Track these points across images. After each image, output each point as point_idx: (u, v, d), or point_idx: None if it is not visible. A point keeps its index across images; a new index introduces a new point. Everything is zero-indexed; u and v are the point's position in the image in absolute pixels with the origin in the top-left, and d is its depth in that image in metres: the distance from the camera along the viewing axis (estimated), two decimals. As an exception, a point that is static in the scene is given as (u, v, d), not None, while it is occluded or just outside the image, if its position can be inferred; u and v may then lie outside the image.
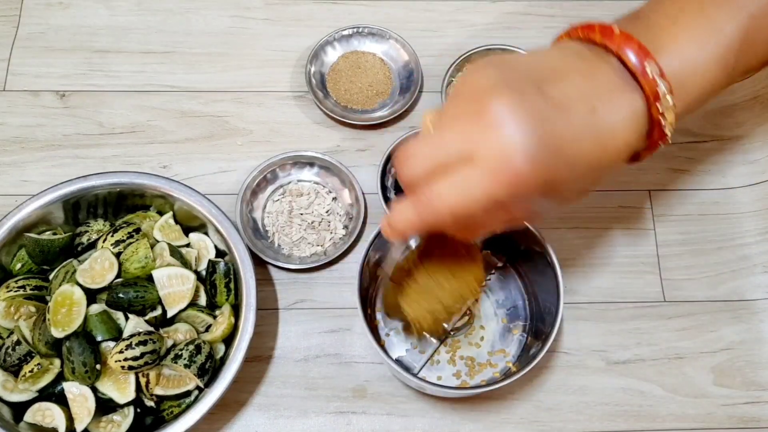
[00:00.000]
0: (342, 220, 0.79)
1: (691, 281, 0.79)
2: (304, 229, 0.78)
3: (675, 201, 0.82)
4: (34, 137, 0.82)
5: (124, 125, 0.83)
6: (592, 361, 0.75)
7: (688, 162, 0.84)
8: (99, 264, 0.68)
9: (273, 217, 0.79)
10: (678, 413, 0.73)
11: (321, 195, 0.80)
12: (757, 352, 0.76)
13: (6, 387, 0.65)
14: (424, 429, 0.72)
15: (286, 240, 0.78)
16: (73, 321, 0.64)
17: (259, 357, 0.74)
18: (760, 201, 0.82)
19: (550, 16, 0.91)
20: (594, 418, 0.73)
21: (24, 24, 0.88)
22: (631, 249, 0.80)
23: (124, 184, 0.71)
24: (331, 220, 0.79)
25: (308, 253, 0.77)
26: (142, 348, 0.63)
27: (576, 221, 0.81)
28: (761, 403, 0.74)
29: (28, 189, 0.79)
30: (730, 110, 0.87)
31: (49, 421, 0.65)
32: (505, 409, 0.73)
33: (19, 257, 0.70)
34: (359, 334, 0.75)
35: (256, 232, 0.78)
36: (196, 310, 0.69)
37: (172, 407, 0.66)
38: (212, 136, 0.83)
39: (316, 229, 0.78)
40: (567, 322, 0.76)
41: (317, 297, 0.77)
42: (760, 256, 0.80)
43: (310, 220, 0.78)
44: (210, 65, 0.87)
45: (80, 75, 0.86)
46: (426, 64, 0.87)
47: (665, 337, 0.76)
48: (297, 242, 0.78)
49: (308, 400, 0.72)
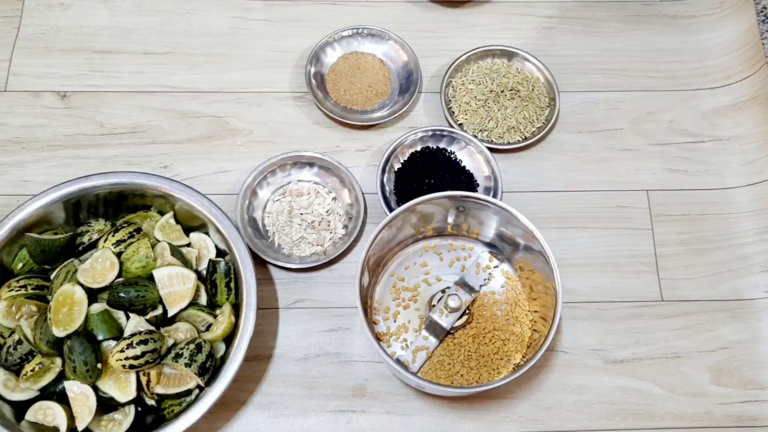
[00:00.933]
0: (342, 219, 0.79)
1: (689, 281, 0.79)
2: (304, 228, 0.78)
3: (673, 201, 0.83)
4: (35, 137, 0.83)
5: (125, 125, 0.84)
6: (591, 360, 0.75)
7: (686, 162, 0.85)
8: (100, 263, 0.68)
9: (273, 216, 0.79)
10: (676, 412, 0.73)
11: (321, 195, 0.80)
12: (754, 352, 0.76)
13: (7, 386, 0.65)
14: (423, 427, 0.72)
15: (286, 240, 0.78)
16: (74, 320, 0.64)
17: (260, 356, 0.74)
18: (758, 201, 0.82)
19: (548, 17, 0.92)
20: (592, 416, 0.73)
21: (25, 25, 0.88)
22: (629, 249, 0.80)
23: (125, 184, 0.72)
24: (331, 219, 0.79)
25: (308, 253, 0.78)
26: (143, 347, 0.63)
27: (574, 221, 0.81)
28: (758, 402, 0.74)
29: (29, 189, 0.79)
30: (728, 111, 0.87)
31: (51, 419, 0.65)
32: (504, 407, 0.73)
33: (21, 257, 0.71)
34: (359, 333, 0.75)
35: (257, 231, 0.79)
36: (196, 310, 0.69)
37: (173, 406, 0.67)
38: (212, 137, 0.84)
39: (316, 229, 0.78)
40: (565, 321, 0.77)
41: (317, 296, 0.77)
42: (757, 256, 0.80)
43: (310, 220, 0.78)
44: (210, 66, 0.87)
45: (81, 75, 0.86)
46: (425, 65, 0.87)
47: (663, 337, 0.76)
48: (297, 242, 0.78)
49: (308, 398, 0.73)
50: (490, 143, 0.82)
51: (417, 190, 0.79)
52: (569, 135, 0.86)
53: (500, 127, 0.83)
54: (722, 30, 0.91)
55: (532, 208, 0.81)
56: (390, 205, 0.79)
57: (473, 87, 0.85)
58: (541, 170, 0.84)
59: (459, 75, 0.87)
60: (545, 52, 0.89)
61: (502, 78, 0.86)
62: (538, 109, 0.85)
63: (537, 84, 0.86)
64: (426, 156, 0.81)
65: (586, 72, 0.89)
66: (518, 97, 0.85)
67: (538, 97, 0.85)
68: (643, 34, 0.91)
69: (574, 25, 0.91)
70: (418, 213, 0.72)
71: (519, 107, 0.84)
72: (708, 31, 0.92)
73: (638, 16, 0.92)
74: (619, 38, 0.91)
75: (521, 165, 0.84)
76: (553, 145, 0.85)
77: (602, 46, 0.90)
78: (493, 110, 0.84)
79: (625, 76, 0.89)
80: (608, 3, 0.93)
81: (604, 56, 0.90)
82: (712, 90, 0.88)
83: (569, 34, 0.91)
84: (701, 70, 0.90)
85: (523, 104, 0.84)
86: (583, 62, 0.89)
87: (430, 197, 0.70)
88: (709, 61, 0.90)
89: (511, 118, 0.83)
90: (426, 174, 0.80)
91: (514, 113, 0.84)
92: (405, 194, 0.79)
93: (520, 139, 0.83)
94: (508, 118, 0.83)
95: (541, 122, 0.84)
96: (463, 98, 0.85)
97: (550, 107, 0.85)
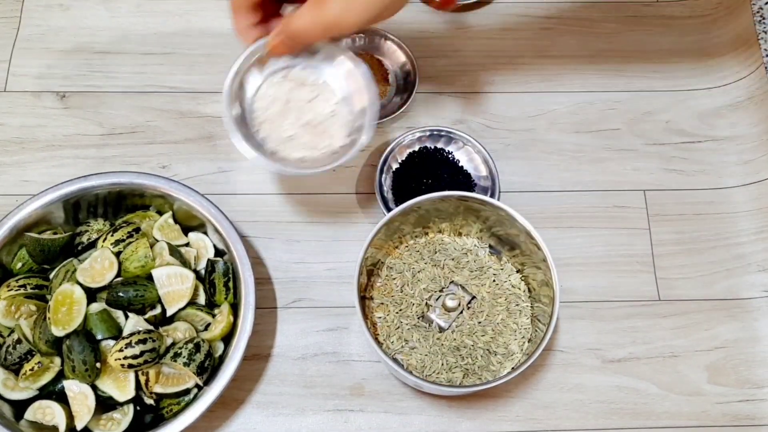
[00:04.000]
0: (346, 128, 0.67)
1: (686, 280, 0.79)
2: (298, 126, 0.66)
3: (670, 201, 0.83)
4: (34, 137, 0.83)
5: (124, 126, 0.84)
6: (588, 359, 0.75)
7: (682, 162, 0.85)
8: (99, 263, 0.68)
9: (266, 102, 0.66)
10: (673, 411, 0.74)
11: (328, 92, 0.67)
12: (751, 351, 0.76)
13: (7, 385, 0.66)
14: (421, 426, 0.72)
15: (273, 135, 0.66)
16: (73, 320, 0.65)
17: (258, 355, 0.74)
18: (755, 201, 0.83)
19: (545, 17, 0.92)
20: (589, 415, 0.73)
21: (24, 25, 0.89)
22: (627, 248, 0.81)
23: (124, 184, 0.72)
24: (332, 124, 0.67)
25: (295, 156, 0.66)
26: (142, 346, 0.63)
27: (571, 221, 0.82)
28: (755, 401, 0.74)
29: (29, 189, 0.80)
30: (724, 111, 0.88)
31: (50, 419, 0.65)
32: (502, 406, 0.73)
33: (20, 256, 0.71)
34: (357, 332, 0.76)
35: (243, 118, 0.66)
36: (195, 309, 0.70)
37: (172, 405, 0.67)
38: (211, 137, 0.84)
39: (313, 131, 0.66)
40: (562, 320, 0.77)
41: (315, 296, 0.77)
42: (754, 255, 0.80)
43: (307, 119, 0.66)
44: (209, 66, 0.88)
45: (80, 76, 0.86)
46: (423, 66, 0.88)
47: (660, 336, 0.77)
48: (286, 140, 0.66)
49: (306, 398, 0.73)
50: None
51: (415, 190, 0.79)
52: (566, 135, 0.86)
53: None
54: (718, 31, 0.91)
55: (529, 207, 0.81)
56: (388, 205, 0.79)
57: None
58: (538, 170, 0.84)
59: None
60: (543, 53, 0.90)
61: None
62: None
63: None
64: (424, 156, 0.82)
65: (583, 72, 0.89)
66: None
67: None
68: (640, 35, 0.92)
69: (572, 26, 0.91)
70: (416, 213, 0.72)
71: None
72: (704, 32, 0.92)
73: (635, 17, 0.93)
74: (615, 39, 0.91)
75: (519, 165, 0.84)
76: (550, 146, 0.85)
77: (599, 47, 0.91)
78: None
79: (622, 77, 0.89)
80: (605, 4, 0.93)
81: (601, 56, 0.90)
82: (708, 90, 0.89)
83: (566, 35, 0.91)
84: (698, 71, 0.90)
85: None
86: (580, 62, 0.90)
87: (428, 197, 0.70)
88: (705, 62, 0.90)
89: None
90: (424, 174, 0.80)
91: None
92: (403, 194, 0.79)
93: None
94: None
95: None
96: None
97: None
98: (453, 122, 0.86)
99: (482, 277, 0.75)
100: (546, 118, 0.87)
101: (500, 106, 0.87)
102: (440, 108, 0.86)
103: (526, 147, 0.85)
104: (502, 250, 0.76)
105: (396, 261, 0.76)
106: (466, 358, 0.72)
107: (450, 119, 0.86)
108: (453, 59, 0.89)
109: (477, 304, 0.74)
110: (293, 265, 0.78)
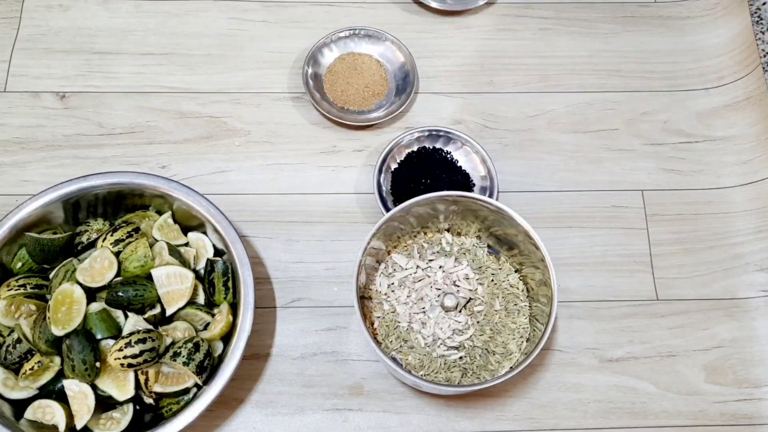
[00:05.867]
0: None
1: (684, 280, 0.79)
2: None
3: (668, 201, 0.83)
4: (34, 138, 0.83)
5: (124, 126, 0.84)
6: (586, 359, 0.76)
7: (680, 162, 0.85)
8: (99, 263, 0.68)
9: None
10: (670, 410, 0.74)
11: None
12: (748, 350, 0.77)
13: (7, 384, 0.66)
14: (419, 425, 0.72)
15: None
16: (73, 319, 0.65)
17: (257, 355, 0.75)
18: (753, 200, 0.83)
19: (544, 18, 0.92)
20: (588, 415, 0.73)
21: (24, 26, 0.89)
22: (625, 248, 0.81)
23: (124, 184, 0.72)
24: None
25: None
26: (141, 346, 0.63)
27: (569, 220, 0.82)
28: (753, 401, 0.75)
29: (29, 189, 0.80)
30: (722, 111, 0.88)
31: (50, 418, 0.65)
32: (500, 406, 0.73)
33: (20, 256, 0.71)
34: (356, 332, 0.76)
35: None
36: (194, 309, 0.70)
37: (171, 404, 0.67)
38: (211, 137, 0.84)
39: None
40: (561, 320, 0.77)
41: (314, 295, 0.77)
42: (752, 255, 0.81)
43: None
44: (208, 67, 0.88)
45: (80, 76, 0.87)
46: (421, 66, 0.88)
47: (658, 335, 0.77)
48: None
49: (305, 397, 0.73)
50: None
51: (413, 190, 0.79)
52: (565, 135, 0.86)
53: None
54: (716, 31, 0.92)
55: (527, 207, 0.82)
56: (387, 205, 0.79)
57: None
58: (536, 170, 0.84)
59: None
60: (541, 53, 0.90)
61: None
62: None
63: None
64: (422, 156, 0.82)
65: (581, 73, 0.90)
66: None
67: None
68: (638, 35, 0.92)
69: (570, 27, 0.92)
70: (414, 213, 0.73)
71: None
72: (702, 32, 0.92)
73: (633, 18, 0.93)
74: (614, 39, 0.91)
75: (517, 165, 0.84)
76: (549, 146, 0.85)
77: (597, 47, 0.91)
78: None
79: (620, 77, 0.90)
80: (603, 4, 0.93)
81: (600, 57, 0.91)
82: (706, 90, 0.89)
83: (564, 35, 0.91)
84: (696, 71, 0.90)
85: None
86: (579, 63, 0.90)
87: (427, 197, 0.70)
88: (703, 62, 0.90)
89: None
90: (422, 174, 0.80)
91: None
92: (402, 194, 0.80)
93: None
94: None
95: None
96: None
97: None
98: (451, 122, 0.86)
99: (481, 276, 0.75)
100: (544, 118, 0.87)
101: (498, 106, 0.87)
102: (439, 108, 0.87)
103: (525, 147, 0.85)
104: (500, 249, 0.76)
105: (395, 260, 0.76)
106: (464, 357, 0.72)
107: (448, 119, 0.86)
108: (452, 59, 0.90)
109: (475, 303, 0.74)
110: (292, 265, 0.79)
